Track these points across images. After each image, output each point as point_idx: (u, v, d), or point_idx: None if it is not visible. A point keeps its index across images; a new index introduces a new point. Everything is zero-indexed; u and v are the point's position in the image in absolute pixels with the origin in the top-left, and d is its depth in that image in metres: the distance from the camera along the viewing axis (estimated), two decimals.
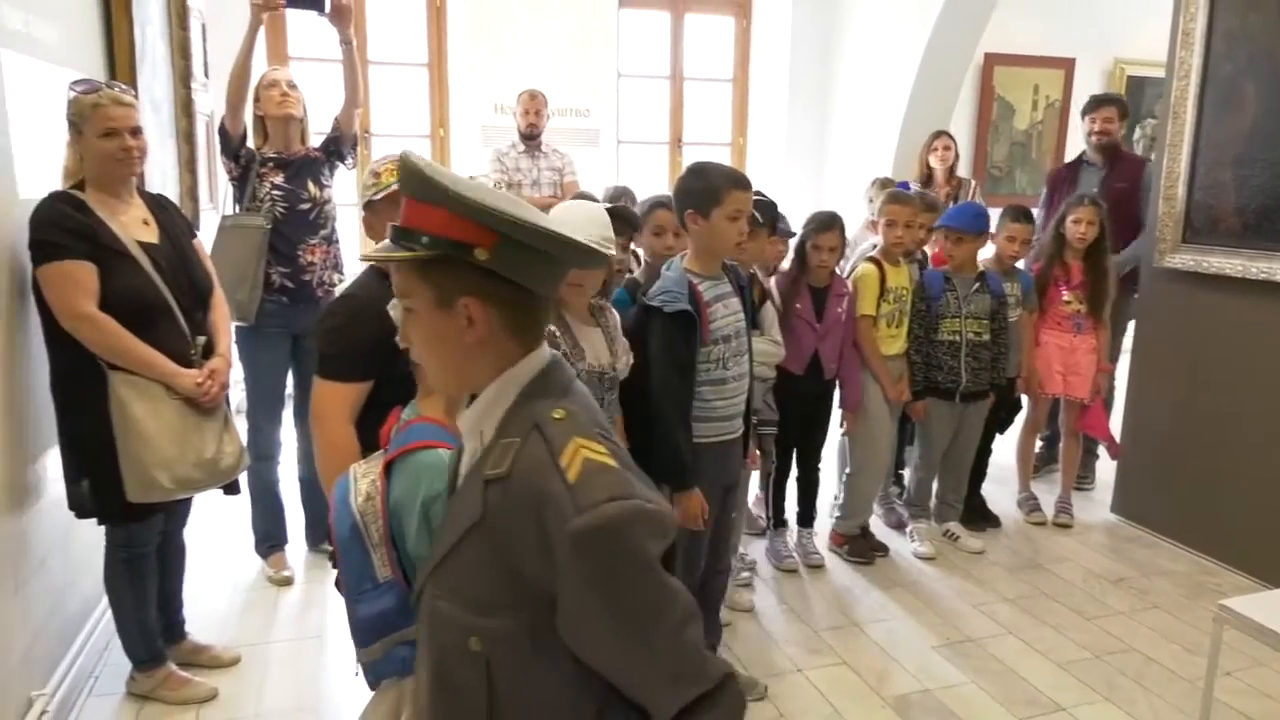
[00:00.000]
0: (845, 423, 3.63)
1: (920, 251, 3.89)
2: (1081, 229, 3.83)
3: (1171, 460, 3.91)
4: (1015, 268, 3.92)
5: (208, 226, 3.56)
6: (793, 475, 3.65)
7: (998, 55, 6.61)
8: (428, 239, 1.03)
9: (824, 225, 3.33)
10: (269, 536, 3.44)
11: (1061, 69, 6.86)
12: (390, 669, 1.53)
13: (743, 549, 3.46)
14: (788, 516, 3.71)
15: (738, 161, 6.73)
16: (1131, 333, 4.20)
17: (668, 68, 6.59)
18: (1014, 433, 4.22)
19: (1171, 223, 3.80)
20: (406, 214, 1.05)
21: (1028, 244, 3.89)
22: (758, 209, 2.75)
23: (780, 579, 3.51)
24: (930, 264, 3.92)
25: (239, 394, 3.41)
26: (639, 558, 0.98)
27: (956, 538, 3.87)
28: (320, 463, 1.98)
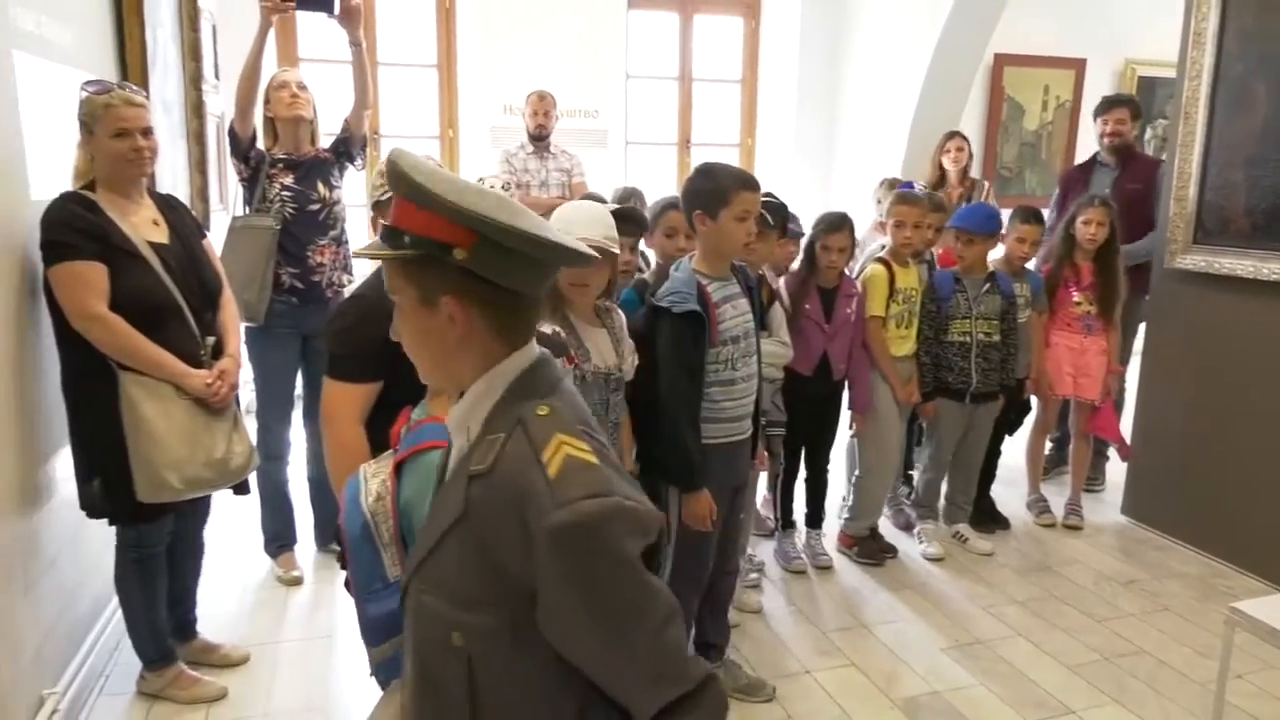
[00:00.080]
0: (854, 424, 3.63)
1: (928, 252, 3.88)
2: (1091, 230, 3.82)
3: (1182, 462, 3.89)
4: (1025, 269, 3.91)
5: (218, 227, 3.58)
6: (801, 476, 3.65)
7: (1008, 55, 6.59)
8: (410, 238, 1.04)
9: (833, 226, 3.33)
10: (278, 536, 3.45)
11: (1072, 69, 6.83)
12: (399, 669, 1.53)
13: (751, 550, 3.46)
14: (796, 518, 3.70)
15: (746, 162, 6.73)
16: (1142, 334, 4.18)
17: (676, 69, 6.59)
18: (1023, 434, 4.21)
19: (1182, 224, 3.78)
20: (395, 213, 1.07)
21: (1037, 245, 3.87)
22: (768, 210, 2.75)
23: (789, 580, 3.51)
24: (937, 264, 3.91)
25: (249, 394, 3.42)
26: (616, 555, 0.98)
27: (965, 539, 3.86)
28: (330, 463, 1.99)
